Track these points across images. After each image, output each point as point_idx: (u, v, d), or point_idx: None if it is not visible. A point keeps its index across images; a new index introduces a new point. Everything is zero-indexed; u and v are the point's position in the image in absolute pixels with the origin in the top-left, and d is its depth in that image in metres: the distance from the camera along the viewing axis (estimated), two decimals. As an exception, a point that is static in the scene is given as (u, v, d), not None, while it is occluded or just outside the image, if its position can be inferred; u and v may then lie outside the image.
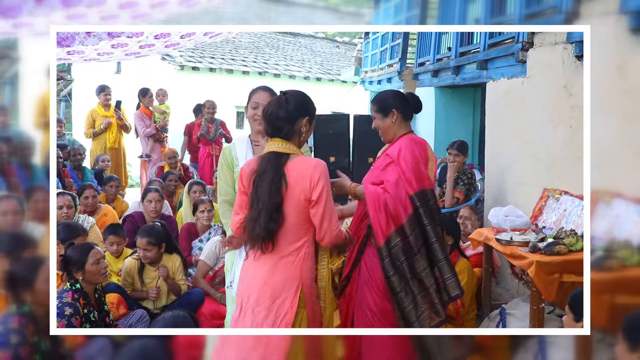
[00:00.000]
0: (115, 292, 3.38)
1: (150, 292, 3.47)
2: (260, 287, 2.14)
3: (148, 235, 3.49)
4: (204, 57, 11.40)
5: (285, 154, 2.15)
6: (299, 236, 2.14)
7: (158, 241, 3.51)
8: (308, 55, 14.85)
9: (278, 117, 2.15)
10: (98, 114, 6.78)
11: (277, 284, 2.13)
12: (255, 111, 2.57)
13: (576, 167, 3.32)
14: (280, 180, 2.10)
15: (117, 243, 3.76)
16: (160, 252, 3.54)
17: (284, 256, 2.14)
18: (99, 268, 2.91)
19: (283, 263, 2.14)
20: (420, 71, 6.61)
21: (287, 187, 2.10)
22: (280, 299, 2.12)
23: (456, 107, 6.41)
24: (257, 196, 2.12)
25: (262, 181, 2.12)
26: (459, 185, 4.55)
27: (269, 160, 2.15)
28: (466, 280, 3.38)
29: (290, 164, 2.13)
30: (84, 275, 2.87)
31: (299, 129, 2.18)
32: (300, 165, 2.12)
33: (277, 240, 2.13)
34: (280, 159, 2.14)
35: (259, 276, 2.16)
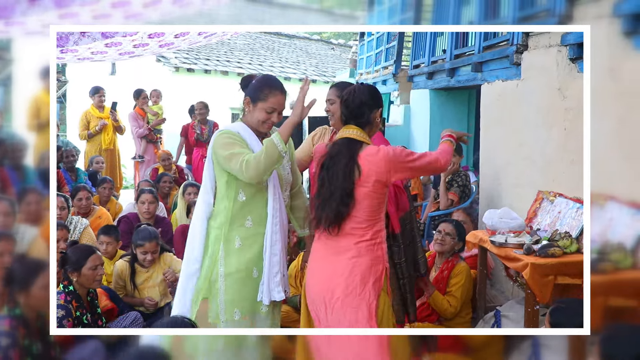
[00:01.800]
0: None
1: (147, 302, 3.43)
2: (346, 277, 2.11)
3: (154, 237, 3.48)
4: (199, 59, 11.38)
5: (360, 141, 2.18)
6: (374, 222, 2.15)
7: (158, 242, 3.52)
8: (303, 57, 14.86)
9: (362, 103, 2.20)
10: (92, 116, 6.75)
11: (365, 269, 2.12)
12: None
13: (571, 169, 3.33)
14: (354, 167, 2.12)
15: (108, 243, 3.73)
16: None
17: (361, 242, 2.13)
18: (94, 274, 2.88)
19: (363, 248, 2.13)
20: (415, 73, 6.63)
21: (360, 175, 2.12)
22: (369, 284, 2.11)
23: (451, 110, 6.42)
24: (328, 178, 2.14)
25: (335, 164, 2.14)
26: (454, 187, 4.56)
27: (343, 145, 2.17)
28: (463, 282, 3.39)
29: (363, 153, 2.15)
30: (79, 278, 2.85)
31: (373, 119, 2.24)
32: (372, 154, 2.14)
33: (351, 226, 2.13)
34: (355, 146, 2.16)
35: (341, 267, 2.13)
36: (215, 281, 2.33)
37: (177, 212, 4.85)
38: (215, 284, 2.33)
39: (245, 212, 2.34)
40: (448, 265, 3.48)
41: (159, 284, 3.52)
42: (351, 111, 2.21)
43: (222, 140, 2.31)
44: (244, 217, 2.34)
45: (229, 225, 2.33)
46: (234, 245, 2.33)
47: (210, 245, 2.36)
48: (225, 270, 2.32)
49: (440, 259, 3.56)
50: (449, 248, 3.50)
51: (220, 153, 2.28)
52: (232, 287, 2.32)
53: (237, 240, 2.33)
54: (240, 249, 2.33)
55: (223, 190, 2.35)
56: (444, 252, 3.51)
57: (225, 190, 2.34)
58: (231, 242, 2.33)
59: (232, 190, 2.32)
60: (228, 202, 2.33)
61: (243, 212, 2.33)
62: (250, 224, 2.35)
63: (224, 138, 2.31)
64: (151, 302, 3.43)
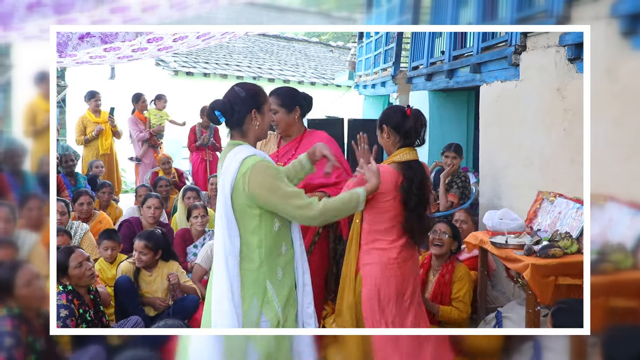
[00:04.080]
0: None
1: (159, 303, 3.44)
2: (414, 279, 2.57)
3: (147, 239, 3.47)
4: (198, 62, 11.39)
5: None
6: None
7: (155, 246, 3.49)
8: (302, 59, 14.87)
9: (417, 130, 2.51)
10: (89, 121, 6.74)
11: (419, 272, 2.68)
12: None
13: (570, 169, 3.33)
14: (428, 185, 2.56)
15: (112, 248, 3.73)
16: (156, 259, 3.52)
17: (415, 249, 2.58)
18: (82, 271, 2.87)
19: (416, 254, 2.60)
20: (414, 75, 6.63)
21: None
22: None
23: (450, 111, 6.42)
24: (417, 199, 2.47)
25: (420, 186, 2.48)
26: (453, 188, 4.55)
27: (419, 168, 2.52)
28: (467, 286, 3.39)
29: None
30: (70, 280, 2.85)
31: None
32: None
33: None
34: (423, 167, 2.55)
35: (413, 269, 2.56)
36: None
37: (177, 216, 4.85)
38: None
39: (280, 239, 2.14)
40: (448, 268, 3.46)
41: (161, 289, 3.52)
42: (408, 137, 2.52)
43: (266, 175, 2.03)
44: (279, 245, 2.14)
45: (268, 257, 2.09)
46: (277, 277, 2.13)
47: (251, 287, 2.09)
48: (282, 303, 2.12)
49: (438, 262, 3.52)
50: (446, 249, 3.48)
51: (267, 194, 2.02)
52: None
53: (279, 271, 2.13)
54: (282, 280, 2.15)
55: (255, 224, 2.07)
56: (443, 255, 3.48)
57: (258, 222, 2.07)
58: (274, 274, 2.12)
59: (268, 222, 2.09)
60: (265, 235, 2.09)
61: (278, 241, 2.13)
62: (286, 249, 2.17)
63: (266, 171, 2.04)
64: (163, 304, 3.44)
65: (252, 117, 2.11)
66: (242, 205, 2.06)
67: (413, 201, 2.45)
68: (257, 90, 2.17)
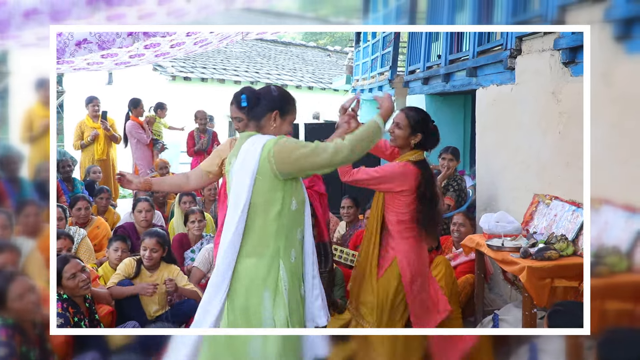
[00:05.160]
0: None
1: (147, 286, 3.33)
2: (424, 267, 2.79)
3: (157, 235, 3.48)
4: (196, 67, 11.41)
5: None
6: None
7: (164, 243, 3.51)
8: (300, 64, 14.91)
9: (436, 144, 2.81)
10: (87, 126, 6.74)
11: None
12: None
13: (566, 172, 3.35)
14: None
15: (122, 250, 3.72)
16: (161, 257, 3.52)
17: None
18: (75, 282, 2.83)
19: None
20: (410, 79, 6.66)
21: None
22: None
23: (446, 114, 6.44)
24: (431, 194, 2.70)
25: (433, 182, 2.73)
26: (450, 191, 4.56)
27: (429, 168, 2.75)
28: (444, 271, 3.42)
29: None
30: (64, 291, 2.83)
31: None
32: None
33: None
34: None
35: (425, 259, 2.81)
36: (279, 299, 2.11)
37: (174, 221, 4.85)
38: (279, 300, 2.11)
39: (297, 225, 2.16)
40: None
41: (159, 292, 3.51)
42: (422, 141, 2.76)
43: (287, 143, 2.09)
44: (296, 228, 2.16)
45: (285, 240, 2.11)
46: (290, 260, 2.13)
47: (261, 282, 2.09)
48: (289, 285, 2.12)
49: None
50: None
51: (301, 151, 2.05)
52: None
53: (292, 254, 2.14)
54: (295, 263, 2.15)
55: (277, 207, 2.10)
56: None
57: (280, 204, 2.10)
58: (288, 257, 2.13)
59: (287, 202, 2.11)
60: (284, 217, 2.11)
61: (296, 226, 2.15)
62: (301, 236, 2.18)
63: (287, 141, 2.10)
64: (150, 288, 3.32)
65: (272, 117, 2.17)
66: (265, 191, 2.09)
67: (428, 196, 2.67)
68: (289, 98, 2.24)
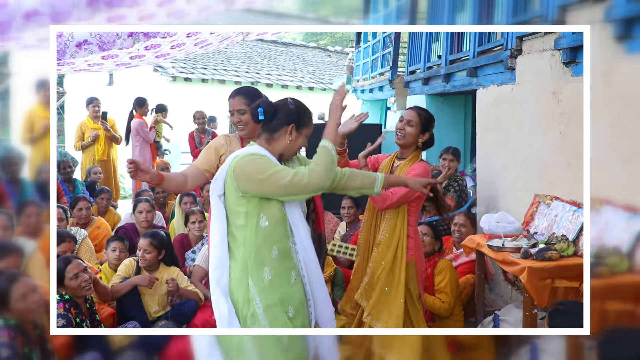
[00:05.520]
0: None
1: (145, 278, 3.34)
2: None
3: (151, 237, 3.48)
4: (196, 68, 11.41)
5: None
6: None
7: (160, 245, 3.50)
8: (300, 64, 14.91)
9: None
10: (87, 127, 6.74)
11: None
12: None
13: (566, 172, 3.34)
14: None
15: (120, 250, 3.73)
16: (158, 259, 3.52)
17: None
18: (78, 282, 2.84)
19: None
20: (411, 79, 6.66)
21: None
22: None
23: (447, 115, 6.44)
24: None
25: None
26: (450, 192, 4.56)
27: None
28: (449, 277, 3.45)
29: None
30: (66, 290, 2.83)
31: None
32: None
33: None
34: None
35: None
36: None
37: (174, 222, 4.86)
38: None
39: (270, 242, 2.07)
40: (430, 263, 3.52)
41: (159, 294, 3.51)
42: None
43: (253, 163, 2.03)
44: (270, 246, 2.07)
45: (255, 256, 2.04)
46: (262, 280, 2.05)
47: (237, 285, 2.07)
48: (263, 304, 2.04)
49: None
50: (429, 249, 3.55)
51: (255, 177, 2.00)
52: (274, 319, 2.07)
53: (266, 272, 2.05)
54: (271, 283, 2.06)
55: (242, 221, 2.06)
56: (426, 253, 3.52)
57: (244, 221, 2.05)
58: (259, 276, 2.05)
59: (252, 219, 2.05)
60: (249, 233, 2.05)
61: (269, 243, 2.07)
62: (277, 254, 2.08)
63: (255, 160, 2.04)
64: (146, 282, 3.35)
65: (287, 130, 2.14)
66: (230, 202, 2.07)
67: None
68: (307, 112, 2.21)
